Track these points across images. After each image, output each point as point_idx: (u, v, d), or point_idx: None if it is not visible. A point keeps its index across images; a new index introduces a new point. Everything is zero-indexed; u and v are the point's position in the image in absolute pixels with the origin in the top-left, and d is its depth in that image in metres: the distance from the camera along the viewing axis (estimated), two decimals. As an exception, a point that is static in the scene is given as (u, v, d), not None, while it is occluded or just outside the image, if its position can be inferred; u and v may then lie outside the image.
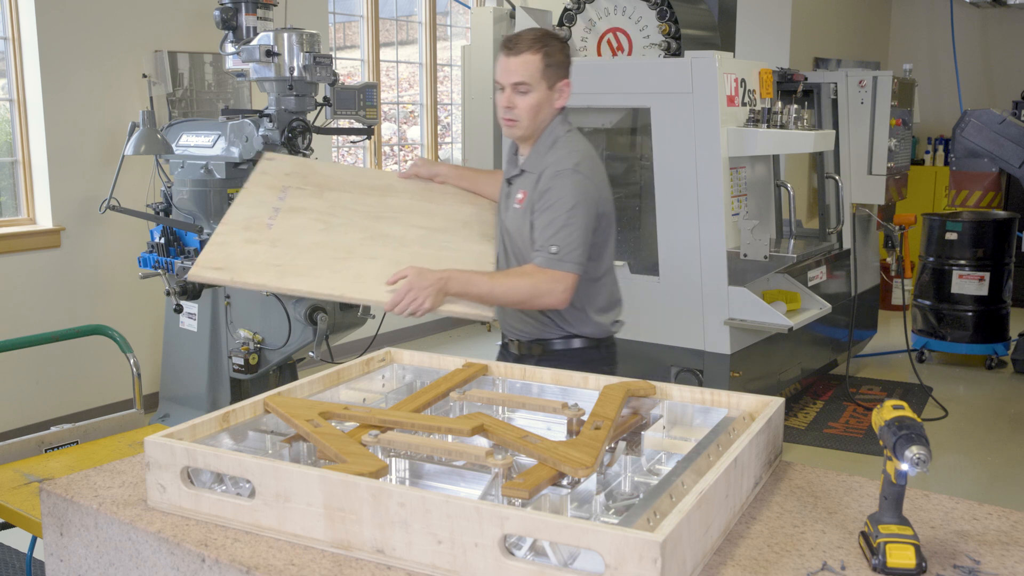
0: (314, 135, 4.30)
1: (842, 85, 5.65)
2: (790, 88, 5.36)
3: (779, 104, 4.72)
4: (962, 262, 6.30)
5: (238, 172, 4.49)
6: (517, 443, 1.62)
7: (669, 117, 4.53)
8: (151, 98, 5.12)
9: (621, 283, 2.73)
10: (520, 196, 2.53)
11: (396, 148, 7.35)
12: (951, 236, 6.31)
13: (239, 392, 4.52)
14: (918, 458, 1.39)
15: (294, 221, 2.39)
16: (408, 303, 2.25)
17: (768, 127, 4.55)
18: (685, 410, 1.89)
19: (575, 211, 2.43)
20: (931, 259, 6.43)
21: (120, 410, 3.08)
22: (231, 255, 2.24)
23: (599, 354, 2.63)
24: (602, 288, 2.61)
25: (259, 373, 4.39)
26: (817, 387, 5.87)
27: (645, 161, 4.92)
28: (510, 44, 2.44)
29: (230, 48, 4.31)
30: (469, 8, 7.41)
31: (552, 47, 2.45)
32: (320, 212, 2.45)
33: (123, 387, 4.82)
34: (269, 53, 4.02)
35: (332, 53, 5.77)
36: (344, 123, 5.32)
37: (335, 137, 6.32)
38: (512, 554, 1.36)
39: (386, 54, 7.03)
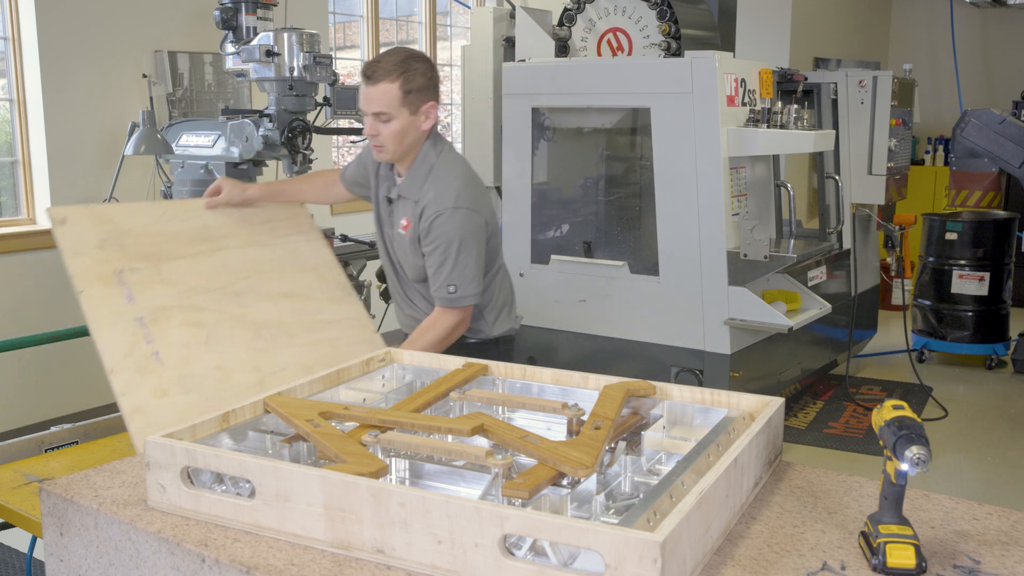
0: (314, 135, 4.30)
1: (842, 85, 5.65)
2: (790, 88, 5.36)
3: (779, 104, 4.72)
4: (962, 262, 6.30)
5: (238, 172, 4.49)
6: (517, 443, 1.62)
7: (669, 117, 4.53)
8: (151, 98, 5.12)
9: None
10: (404, 223, 2.65)
11: (396, 148, 7.34)
12: (951, 236, 6.31)
13: (239, 392, 4.52)
14: (918, 458, 1.39)
15: (170, 336, 2.13)
16: None
17: (768, 127, 4.55)
18: (685, 410, 1.89)
19: (463, 247, 2.56)
20: (931, 259, 6.43)
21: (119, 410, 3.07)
22: (158, 418, 1.95)
23: (497, 350, 2.78)
24: (495, 289, 2.79)
25: (259, 373, 4.38)
26: (817, 387, 5.87)
27: (645, 161, 4.92)
28: (369, 72, 2.46)
29: (230, 48, 4.31)
30: (469, 8, 7.41)
31: (412, 72, 2.46)
32: (183, 308, 2.20)
33: (123, 387, 4.81)
34: (269, 53, 4.02)
35: (332, 53, 5.77)
36: (344, 123, 5.32)
37: (335, 137, 6.32)
38: (512, 554, 1.36)
39: (386, 54, 7.03)
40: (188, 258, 2.34)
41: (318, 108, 4.34)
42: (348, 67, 6.77)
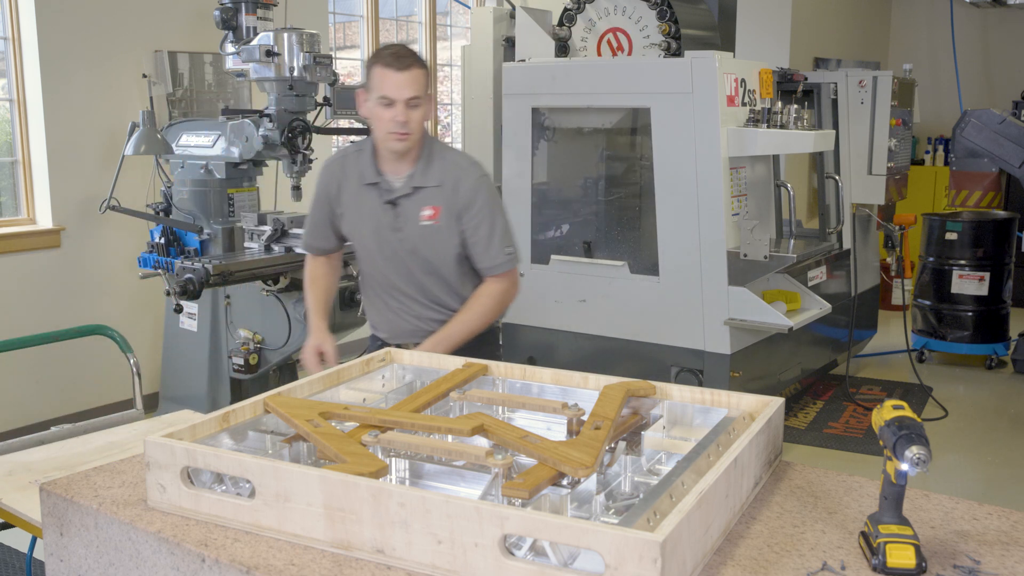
0: (314, 135, 4.30)
1: (842, 85, 5.65)
2: (790, 88, 5.36)
3: (779, 104, 4.71)
4: (962, 262, 6.30)
5: (238, 172, 4.50)
6: (517, 443, 1.62)
7: (669, 117, 4.53)
8: (151, 98, 5.12)
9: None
10: (430, 212, 2.62)
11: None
12: (951, 236, 6.31)
13: (239, 392, 4.52)
14: (918, 458, 1.39)
15: None
16: None
17: (768, 127, 4.55)
18: (685, 410, 1.89)
19: (501, 207, 2.69)
20: (931, 259, 6.43)
21: (120, 410, 3.08)
22: None
23: (489, 336, 2.80)
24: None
25: (259, 373, 4.39)
26: (817, 387, 5.87)
27: (645, 161, 4.92)
28: (398, 59, 2.50)
29: (230, 48, 4.31)
30: (469, 8, 7.41)
31: (423, 63, 2.58)
32: None
33: (123, 387, 4.82)
34: (269, 53, 4.02)
35: (332, 53, 5.77)
36: (344, 123, 5.32)
37: (335, 137, 6.32)
38: (512, 554, 1.36)
39: (386, 54, 7.03)
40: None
41: (318, 108, 4.35)
42: (348, 67, 6.77)
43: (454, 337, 2.61)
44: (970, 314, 6.30)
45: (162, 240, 4.48)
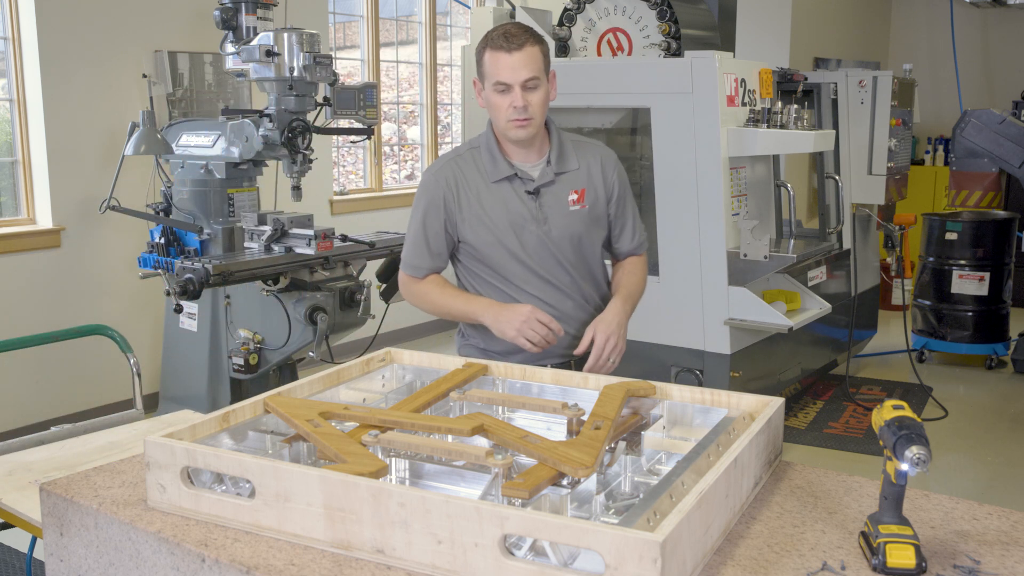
0: (314, 135, 4.30)
1: (842, 85, 5.65)
2: (790, 88, 5.36)
3: (779, 104, 4.72)
4: (962, 262, 6.30)
5: (238, 172, 4.49)
6: (517, 443, 1.62)
7: (669, 117, 4.53)
8: (151, 98, 5.12)
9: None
10: (575, 196, 2.44)
11: (396, 148, 7.35)
12: (951, 236, 6.31)
13: (239, 392, 4.52)
14: (918, 458, 1.39)
15: None
16: (609, 352, 2.37)
17: (768, 127, 4.55)
18: (685, 410, 1.89)
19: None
20: (931, 259, 6.43)
21: (120, 410, 3.08)
22: None
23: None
24: None
25: (259, 373, 4.39)
26: (817, 387, 5.87)
27: (645, 161, 4.92)
28: (509, 39, 2.29)
29: (230, 48, 4.31)
30: (469, 8, 7.41)
31: (539, 38, 2.36)
32: None
33: (123, 387, 4.82)
34: (269, 53, 4.02)
35: (332, 53, 5.77)
36: (344, 123, 5.32)
37: (335, 137, 6.32)
38: (512, 554, 1.36)
39: (386, 54, 7.03)
40: None
41: (318, 108, 4.34)
42: (348, 67, 6.77)
43: (630, 305, 2.49)
44: (970, 314, 6.30)
45: (162, 240, 4.48)
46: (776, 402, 1.82)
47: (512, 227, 2.41)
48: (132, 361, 3.14)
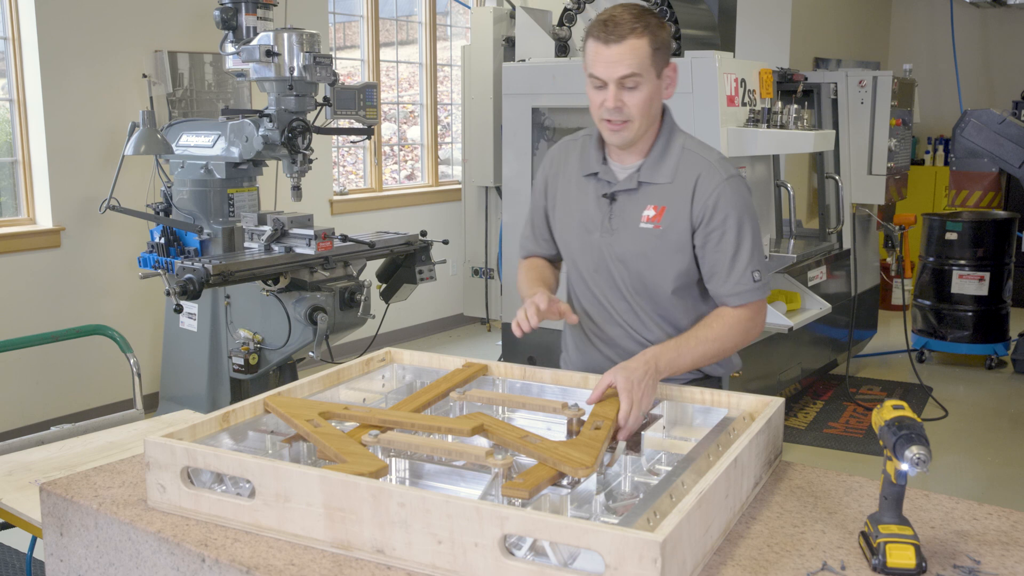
0: (314, 135, 4.30)
1: (842, 85, 5.65)
2: (790, 88, 5.36)
3: (779, 104, 4.71)
4: (962, 262, 6.30)
5: (238, 172, 4.49)
6: (517, 443, 1.62)
7: (669, 117, 4.52)
8: (151, 98, 5.12)
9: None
10: (651, 213, 2.08)
11: (396, 148, 7.35)
12: (951, 236, 6.31)
13: (239, 392, 4.52)
14: (918, 458, 1.39)
15: None
16: (637, 408, 1.81)
17: (768, 127, 4.55)
18: (685, 410, 1.89)
19: (755, 226, 2.09)
20: (931, 259, 6.43)
21: (120, 410, 3.08)
22: None
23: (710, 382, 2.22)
24: None
25: (259, 373, 4.39)
26: (817, 387, 5.86)
27: (645, 161, 4.91)
28: (607, 29, 1.98)
29: (230, 48, 4.31)
30: (469, 8, 7.41)
31: (654, 25, 2.01)
32: None
33: (123, 387, 4.82)
34: (269, 53, 4.02)
35: (332, 53, 5.77)
36: (344, 123, 5.32)
37: (335, 137, 6.32)
38: (512, 554, 1.36)
39: (386, 54, 7.03)
40: None
41: (318, 108, 4.34)
42: (348, 67, 6.77)
43: (684, 357, 1.99)
44: (970, 314, 6.30)
45: (162, 240, 4.48)
46: (776, 402, 1.82)
47: (581, 228, 2.17)
48: (132, 361, 3.14)
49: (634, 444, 1.78)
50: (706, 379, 2.20)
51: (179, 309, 4.29)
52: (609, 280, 2.15)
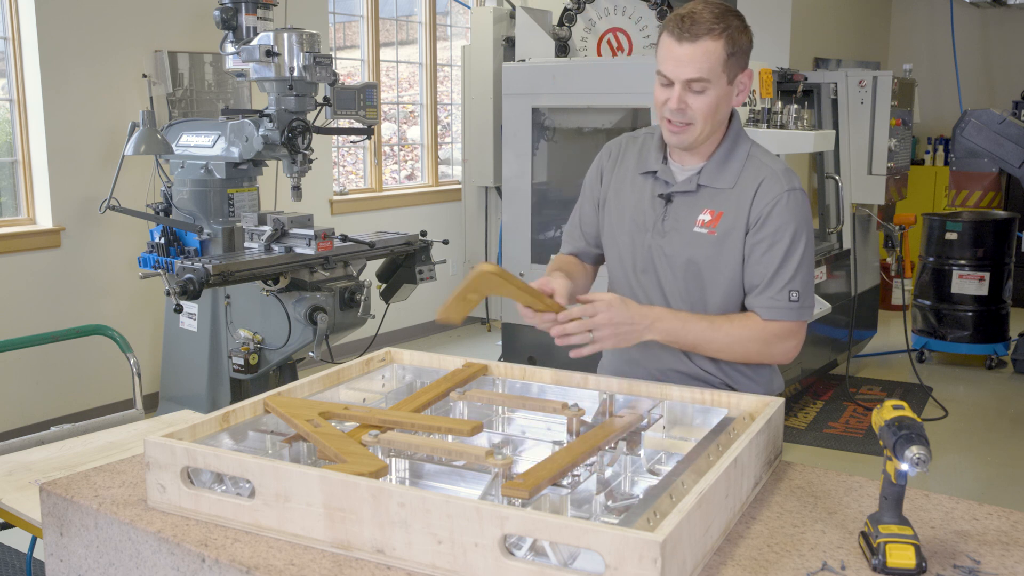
0: (314, 135, 4.30)
1: (842, 85, 5.65)
2: (790, 88, 5.36)
3: (779, 104, 4.72)
4: (962, 262, 6.30)
5: (238, 172, 4.49)
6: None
7: (669, 117, 4.53)
8: (151, 98, 5.12)
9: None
10: (708, 218, 2.00)
11: (396, 148, 7.35)
12: (951, 236, 6.31)
13: (239, 392, 4.52)
14: (918, 458, 1.39)
15: None
16: (582, 328, 1.79)
17: (768, 127, 4.55)
18: (685, 410, 1.89)
19: (808, 240, 1.99)
20: (931, 259, 6.43)
21: (120, 410, 3.08)
22: None
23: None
24: None
25: (259, 373, 4.39)
26: (817, 387, 5.87)
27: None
28: (684, 25, 1.89)
29: (230, 48, 4.31)
30: (469, 8, 7.41)
31: (734, 28, 1.93)
32: None
33: (123, 387, 4.82)
34: (269, 53, 4.02)
35: (332, 53, 5.77)
36: (344, 123, 5.32)
37: (335, 137, 6.33)
38: (512, 554, 1.36)
39: (386, 54, 7.03)
40: None
41: (318, 108, 4.34)
42: (348, 67, 6.77)
43: (688, 334, 1.94)
44: (970, 314, 6.30)
45: (162, 240, 4.48)
46: (776, 402, 1.82)
47: (633, 225, 2.09)
48: (132, 361, 3.14)
49: (634, 443, 1.78)
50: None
51: (179, 309, 4.29)
52: (655, 283, 2.08)
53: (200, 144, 4.47)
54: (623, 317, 1.83)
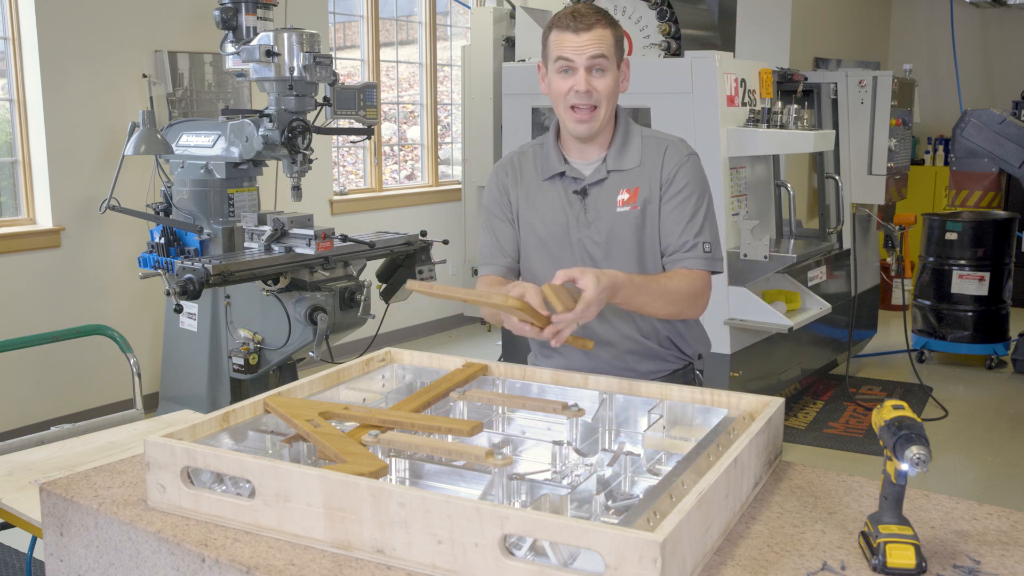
0: (314, 135, 4.30)
1: (842, 85, 5.65)
2: (790, 88, 5.36)
3: (779, 104, 4.72)
4: (962, 262, 6.30)
5: (238, 172, 4.50)
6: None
7: (669, 117, 4.53)
8: (151, 98, 5.12)
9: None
10: (626, 196, 2.11)
11: (396, 148, 7.35)
12: (951, 236, 6.31)
13: (239, 392, 4.52)
14: (918, 458, 1.39)
15: None
16: (576, 319, 1.82)
17: (768, 127, 4.55)
18: (685, 410, 1.89)
19: (710, 198, 2.15)
20: (931, 259, 6.43)
21: (120, 410, 3.08)
22: None
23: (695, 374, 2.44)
24: None
25: (259, 373, 4.39)
26: (817, 387, 5.86)
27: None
28: (577, 19, 2.03)
29: (230, 48, 4.31)
30: (469, 8, 7.41)
31: (613, 21, 2.09)
32: None
33: (123, 387, 4.82)
34: (269, 53, 4.02)
35: (332, 53, 5.77)
36: (344, 123, 5.32)
37: (335, 137, 6.32)
38: (512, 554, 1.36)
39: (386, 54, 7.03)
40: None
41: (318, 108, 4.35)
42: (348, 67, 6.77)
43: (638, 297, 1.98)
44: (970, 314, 6.30)
45: (162, 240, 4.48)
46: (776, 402, 1.82)
47: (555, 232, 2.16)
48: (132, 361, 3.14)
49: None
50: (684, 364, 2.40)
51: (179, 309, 4.29)
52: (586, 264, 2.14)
53: (200, 144, 4.47)
54: (605, 283, 1.86)
